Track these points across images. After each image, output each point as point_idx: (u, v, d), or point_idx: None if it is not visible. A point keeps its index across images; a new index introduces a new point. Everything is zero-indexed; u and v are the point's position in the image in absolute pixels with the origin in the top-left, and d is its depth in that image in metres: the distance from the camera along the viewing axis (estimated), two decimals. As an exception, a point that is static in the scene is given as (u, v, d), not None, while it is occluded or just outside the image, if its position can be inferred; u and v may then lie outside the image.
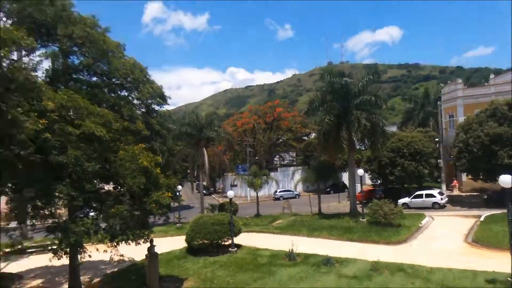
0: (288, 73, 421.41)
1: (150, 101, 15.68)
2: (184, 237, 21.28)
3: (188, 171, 49.06)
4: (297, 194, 48.67)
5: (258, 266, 17.36)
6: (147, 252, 15.17)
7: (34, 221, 9.88)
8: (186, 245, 20.86)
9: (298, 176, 44.69)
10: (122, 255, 12.31)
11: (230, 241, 20.56)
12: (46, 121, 7.99)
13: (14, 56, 9.41)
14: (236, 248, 20.38)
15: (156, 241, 15.59)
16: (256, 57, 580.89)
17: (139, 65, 14.70)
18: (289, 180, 52.20)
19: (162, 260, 17.88)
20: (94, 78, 15.11)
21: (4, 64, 7.67)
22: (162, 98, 15.93)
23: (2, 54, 7.11)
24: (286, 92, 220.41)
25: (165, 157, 16.87)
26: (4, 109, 7.12)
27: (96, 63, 13.96)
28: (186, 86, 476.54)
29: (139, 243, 12.26)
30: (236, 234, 20.94)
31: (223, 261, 18.49)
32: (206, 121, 36.28)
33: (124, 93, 15.36)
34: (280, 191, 49.28)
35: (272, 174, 44.62)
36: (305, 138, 59.97)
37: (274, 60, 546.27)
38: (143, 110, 16.05)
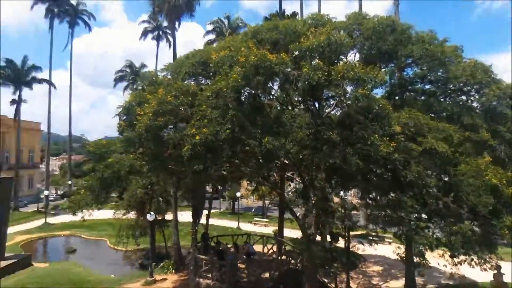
0: None
1: (496, 104, 13.42)
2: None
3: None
4: None
5: None
6: (492, 278, 13.24)
7: (383, 223, 11.73)
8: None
9: None
10: (463, 275, 11.58)
11: None
12: (395, 143, 9.20)
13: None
14: None
15: (503, 266, 13.20)
16: None
17: (481, 66, 13.02)
18: None
19: (513, 293, 14.79)
20: (427, 86, 15.22)
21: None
22: (514, 99, 13.13)
23: (359, 93, 9.03)
24: None
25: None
26: (365, 136, 9.14)
27: (431, 72, 14.03)
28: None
29: (485, 269, 10.98)
30: None
31: None
32: None
33: (462, 98, 14.26)
34: None
35: None
36: None
37: None
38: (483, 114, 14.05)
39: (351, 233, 21.94)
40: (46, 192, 41.90)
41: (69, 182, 53.77)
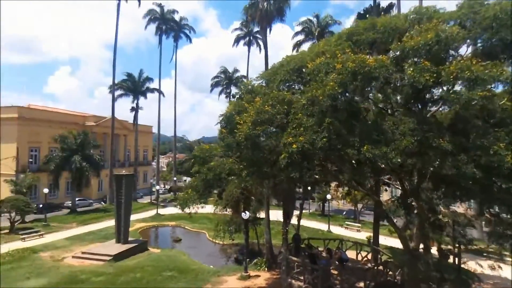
0: None
1: None
2: None
3: None
4: None
5: None
6: None
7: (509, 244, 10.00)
8: None
9: None
10: None
11: None
12: (527, 152, 7.74)
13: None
14: None
15: None
16: None
17: None
18: None
19: None
20: None
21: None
22: None
23: (478, 95, 7.81)
24: None
25: None
26: (486, 145, 7.91)
27: None
28: None
29: None
30: None
31: None
32: None
33: None
34: None
35: None
36: None
37: None
38: None
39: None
40: (157, 187, 48.28)
41: (174, 178, 60.93)
